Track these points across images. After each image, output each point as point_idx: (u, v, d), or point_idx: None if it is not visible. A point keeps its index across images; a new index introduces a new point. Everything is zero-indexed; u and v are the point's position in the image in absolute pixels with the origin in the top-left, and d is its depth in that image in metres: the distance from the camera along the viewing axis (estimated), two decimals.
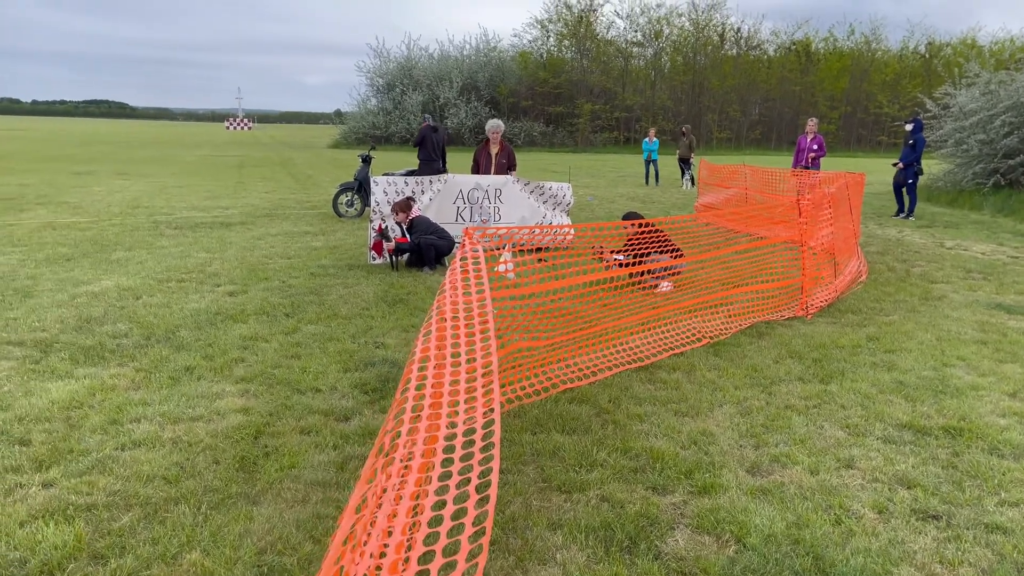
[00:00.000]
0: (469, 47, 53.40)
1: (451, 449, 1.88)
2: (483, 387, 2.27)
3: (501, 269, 6.85)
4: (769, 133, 58.57)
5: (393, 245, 8.74)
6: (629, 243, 6.63)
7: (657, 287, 6.95)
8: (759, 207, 11.33)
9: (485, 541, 1.63)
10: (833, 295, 7.50)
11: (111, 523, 3.24)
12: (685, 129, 23.30)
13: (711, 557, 3.09)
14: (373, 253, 9.10)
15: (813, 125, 15.02)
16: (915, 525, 3.37)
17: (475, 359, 2.43)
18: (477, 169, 10.74)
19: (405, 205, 8.91)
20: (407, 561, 1.53)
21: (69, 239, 10.25)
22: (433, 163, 12.37)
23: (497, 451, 1.91)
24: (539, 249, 6.16)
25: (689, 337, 6.08)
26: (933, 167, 19.70)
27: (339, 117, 59.01)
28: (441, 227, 9.08)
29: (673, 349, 5.83)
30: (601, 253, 6.99)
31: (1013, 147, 16.80)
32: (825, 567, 3.02)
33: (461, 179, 10.11)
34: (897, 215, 15.15)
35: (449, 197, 9.95)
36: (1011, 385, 5.22)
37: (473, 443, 1.92)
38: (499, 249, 5.64)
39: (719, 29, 57.65)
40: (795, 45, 58.78)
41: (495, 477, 1.81)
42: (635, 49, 57.03)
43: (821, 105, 55.75)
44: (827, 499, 3.58)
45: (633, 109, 54.43)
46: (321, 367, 5.30)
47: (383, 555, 1.57)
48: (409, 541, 1.60)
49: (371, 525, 1.71)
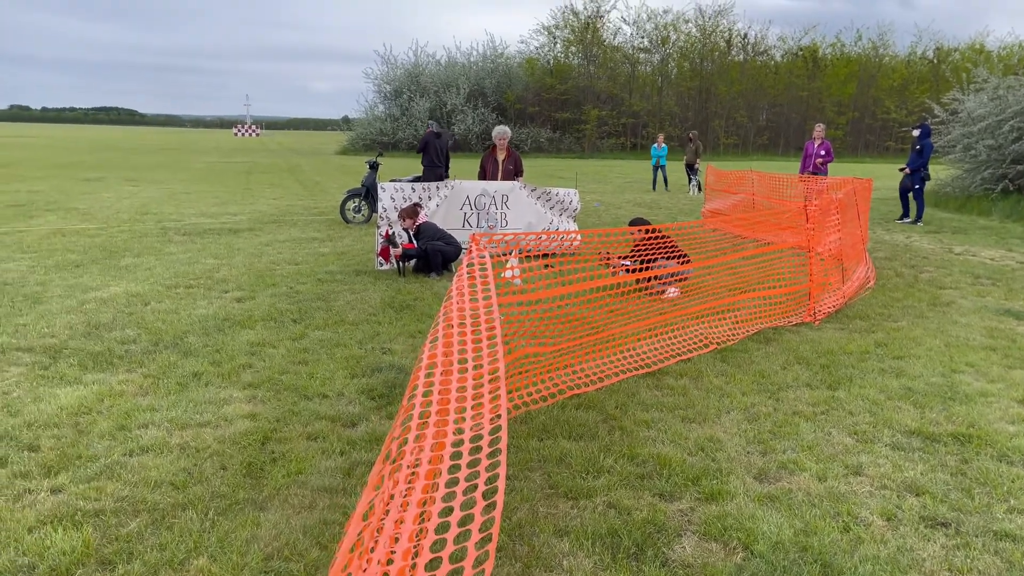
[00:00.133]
0: (476, 54, 53.56)
1: (458, 455, 1.88)
2: (490, 393, 2.27)
3: (508, 275, 6.85)
4: (776, 139, 58.48)
5: (400, 251, 8.76)
6: (636, 249, 6.63)
7: (664, 293, 6.94)
8: (766, 213, 11.32)
9: (492, 548, 1.63)
10: (841, 301, 7.48)
11: (119, 529, 3.25)
12: (692, 135, 23.31)
13: (718, 564, 3.08)
14: (380, 259, 9.12)
15: (820, 131, 14.99)
16: (924, 532, 3.35)
17: (482, 365, 2.44)
18: (484, 175, 10.76)
19: (412, 211, 8.93)
20: (414, 568, 1.53)
21: (78, 245, 10.30)
22: (437, 168, 12.47)
23: (504, 457, 1.91)
24: (546, 255, 6.17)
25: (696, 343, 6.07)
26: (941, 172, 19.65)
27: (346, 123, 59.18)
28: (448, 233, 9.10)
29: (680, 355, 5.82)
30: (608, 259, 6.99)
31: (1022, 152, 16.74)
32: (833, 575, 3.01)
33: (468, 185, 10.12)
34: (901, 219, 15.11)
35: (456, 203, 9.97)
36: (1020, 391, 5.19)
37: (480, 449, 1.92)
38: (506, 255, 5.65)
39: (726, 35, 57.68)
40: (802, 51, 58.71)
41: (502, 483, 1.81)
42: (642, 55, 57.08)
43: (828, 111, 55.66)
44: (835, 506, 3.57)
45: (640, 115, 54.43)
46: (328, 373, 5.31)
47: (390, 562, 1.58)
48: (416, 548, 1.61)
49: (378, 532, 1.71)
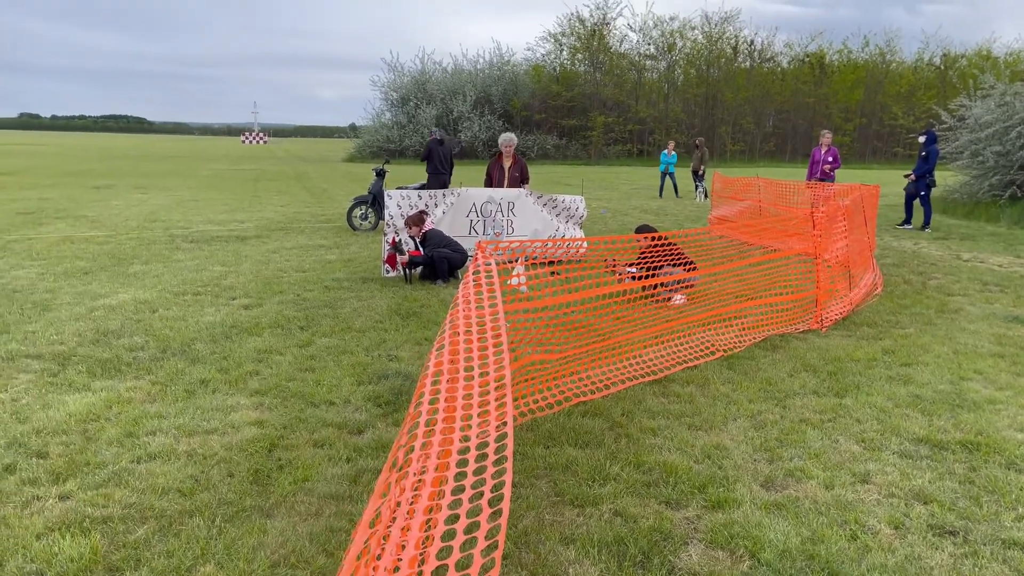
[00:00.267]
0: (483, 61, 53.66)
1: (464, 463, 1.88)
2: (496, 400, 2.27)
3: (514, 282, 6.86)
4: (783, 145, 58.40)
5: (407, 258, 8.78)
6: (642, 256, 6.63)
7: (670, 300, 6.94)
8: (773, 219, 11.30)
9: (498, 555, 1.63)
10: (848, 308, 7.46)
11: (126, 536, 3.26)
12: (698, 142, 23.30)
13: (725, 573, 3.07)
14: (387, 266, 9.15)
15: (828, 138, 14.98)
16: (932, 541, 3.33)
17: (488, 372, 2.44)
18: (490, 183, 10.79)
19: (418, 219, 8.95)
20: (420, 575, 1.53)
21: (87, 253, 10.36)
22: (441, 175, 12.65)
23: (510, 465, 1.91)
24: (552, 262, 6.17)
25: (703, 350, 6.06)
26: (949, 179, 19.59)
27: (353, 131, 59.40)
28: (454, 240, 9.12)
29: (686, 362, 5.81)
30: (614, 266, 6.99)
31: None
32: None
33: (474, 192, 10.15)
34: (902, 225, 15.09)
35: (462, 210, 9.99)
36: None
37: (486, 457, 1.93)
38: (512, 262, 5.66)
39: (732, 42, 57.66)
40: (809, 57, 58.65)
41: (507, 491, 1.82)
42: (648, 62, 57.12)
43: (835, 117, 55.57)
44: (842, 514, 3.55)
45: (646, 122, 54.46)
46: (335, 380, 5.32)
47: (396, 569, 1.58)
48: (422, 555, 1.61)
49: (385, 539, 1.72)
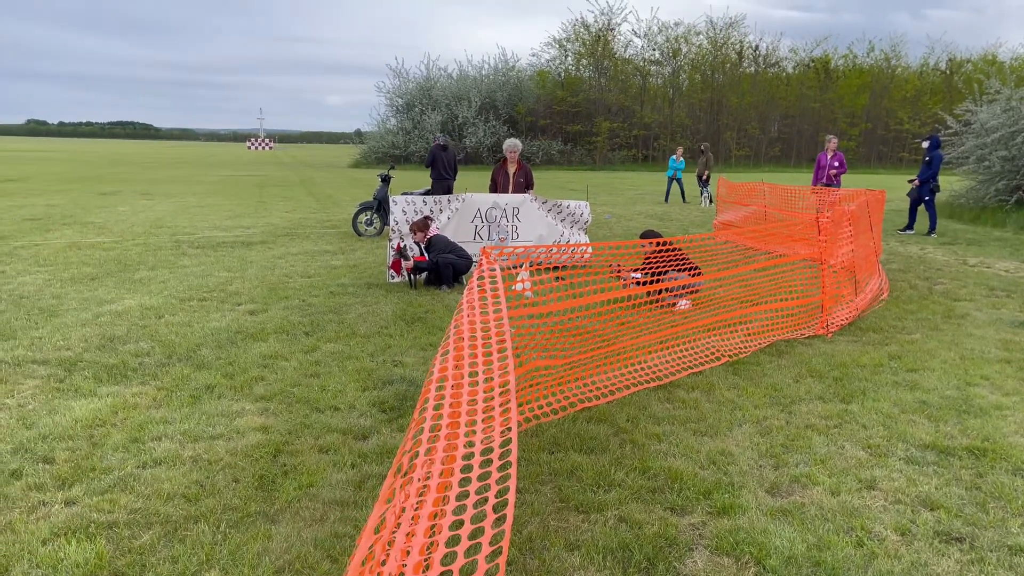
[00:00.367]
0: (488, 67, 53.79)
1: (468, 469, 1.88)
2: (500, 406, 2.28)
3: (519, 288, 6.86)
4: (788, 150, 58.35)
5: (412, 264, 8.79)
6: (647, 261, 6.63)
7: (676, 305, 6.93)
8: (778, 225, 11.29)
9: (502, 561, 1.63)
10: (854, 313, 7.44)
11: (132, 541, 3.27)
12: (703, 147, 23.30)
13: None
14: (392, 272, 9.16)
15: (834, 143, 14.99)
16: (938, 547, 3.32)
17: (492, 378, 2.44)
18: (495, 188, 10.81)
19: (423, 225, 8.97)
20: None
21: (93, 259, 10.40)
22: (445, 180, 12.79)
23: (514, 471, 1.91)
24: (557, 267, 6.17)
25: (708, 356, 6.05)
26: (955, 184, 19.55)
27: (359, 137, 59.53)
28: (459, 246, 9.13)
29: (692, 368, 5.80)
30: (619, 272, 6.98)
31: None
32: None
33: (479, 198, 10.16)
34: (905, 231, 15.06)
35: (467, 216, 10.01)
36: None
37: (490, 462, 1.93)
38: (517, 268, 5.66)
39: (737, 47, 57.67)
40: (814, 62, 58.63)
41: (512, 497, 1.82)
42: (653, 67, 57.14)
43: (841, 122, 55.50)
44: (848, 521, 3.54)
45: (651, 127, 54.48)
46: (340, 385, 5.33)
47: (401, 575, 1.58)
48: (427, 561, 1.61)
49: (389, 545, 1.72)
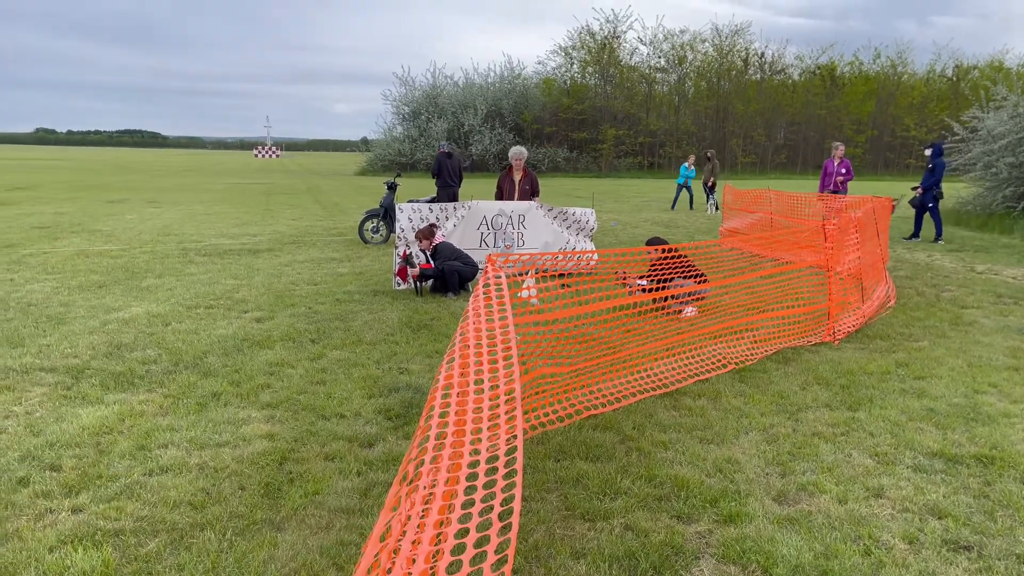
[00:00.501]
0: (494, 75, 53.93)
1: (474, 477, 1.88)
2: (506, 414, 2.27)
3: (524, 295, 6.87)
4: (795, 157, 58.28)
5: (417, 271, 8.81)
6: (653, 268, 6.62)
7: (682, 312, 6.92)
8: (784, 232, 11.27)
9: (507, 570, 1.63)
10: (861, 320, 7.42)
11: (138, 549, 3.27)
12: (710, 154, 23.29)
13: None
14: (398, 279, 9.17)
15: (840, 150, 14.98)
16: (946, 556, 3.30)
17: (498, 386, 2.44)
18: (501, 196, 10.82)
19: (428, 232, 8.98)
20: None
21: (101, 266, 10.44)
22: (451, 188, 13.04)
23: (520, 479, 1.91)
24: (563, 275, 6.17)
25: (714, 363, 6.04)
26: (962, 190, 19.49)
27: (365, 145, 59.74)
28: (465, 253, 9.14)
29: (698, 375, 5.79)
30: (625, 279, 6.98)
31: None
32: None
33: (485, 205, 10.18)
34: (911, 239, 15.01)
35: (473, 223, 10.02)
36: None
37: (496, 470, 1.92)
38: (522, 275, 5.66)
39: (743, 54, 57.70)
40: (820, 69, 58.59)
41: (517, 505, 1.81)
42: (659, 75, 57.19)
43: (847, 129, 55.43)
44: (856, 529, 3.52)
45: (657, 134, 54.50)
46: (346, 393, 5.34)
47: None
48: (432, 570, 1.61)
49: (395, 553, 1.71)
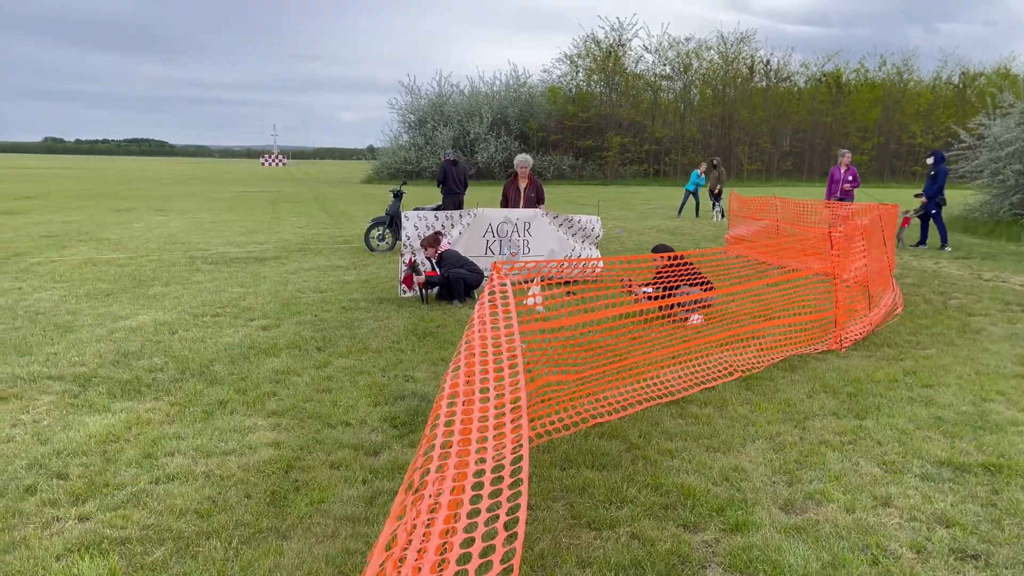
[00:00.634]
0: (499, 83, 54.01)
1: (480, 486, 1.88)
2: (512, 422, 2.27)
3: (530, 303, 6.87)
4: (801, 164, 58.22)
5: (423, 279, 8.82)
6: (659, 276, 6.62)
7: (688, 320, 6.91)
8: (791, 239, 11.26)
9: None
10: (868, 328, 7.39)
11: (144, 557, 3.28)
12: (715, 161, 23.29)
13: None
14: (403, 287, 9.18)
15: (847, 157, 14.97)
16: (954, 565, 3.28)
17: (504, 394, 2.44)
18: (506, 203, 10.83)
19: (433, 240, 9.00)
20: None
21: (109, 275, 10.48)
22: (456, 195, 13.18)
23: (525, 487, 1.91)
24: (568, 282, 6.17)
25: (720, 371, 6.03)
26: (969, 198, 19.44)
27: (371, 153, 59.91)
28: (470, 260, 9.15)
29: (704, 383, 5.78)
30: (630, 286, 6.97)
31: None
32: None
33: (490, 213, 10.19)
34: (917, 246, 14.98)
35: (479, 231, 10.03)
36: None
37: (502, 479, 1.92)
38: (528, 282, 5.67)
39: (748, 62, 57.71)
40: (825, 76, 58.58)
41: (523, 514, 1.81)
42: (664, 82, 57.25)
43: (853, 136, 55.36)
44: (863, 538, 3.51)
45: (662, 142, 54.53)
46: (351, 401, 5.34)
47: None
48: None
49: (400, 562, 1.71)
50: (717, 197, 22.23)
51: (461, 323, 7.79)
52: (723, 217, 21.04)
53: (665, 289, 6.42)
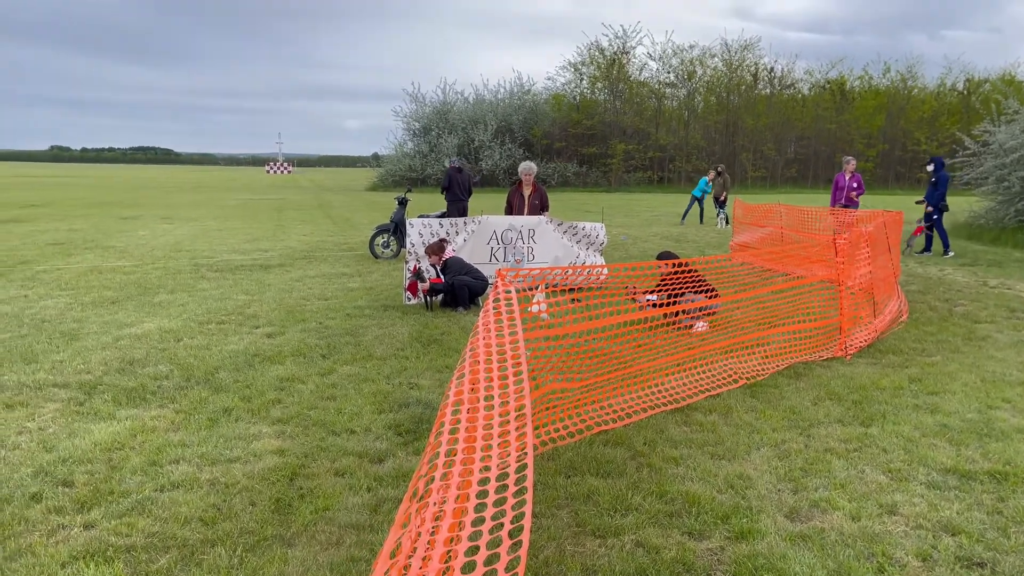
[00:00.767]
0: (504, 91, 54.09)
1: (484, 494, 1.88)
2: (516, 430, 2.27)
3: (534, 310, 6.87)
4: (805, 171, 58.17)
5: (428, 286, 8.83)
6: (663, 283, 6.62)
7: (692, 327, 6.91)
8: (795, 246, 11.25)
9: None
10: (873, 335, 7.38)
11: (149, 565, 3.28)
12: (720, 169, 23.29)
13: None
14: (408, 294, 9.20)
15: (852, 164, 14.97)
16: (960, 573, 3.27)
17: (508, 401, 2.44)
18: (510, 210, 10.86)
19: (438, 247, 9.01)
20: None
21: (114, 282, 10.52)
22: (460, 202, 13.23)
23: (530, 495, 1.91)
24: (573, 289, 6.18)
25: (725, 378, 6.02)
26: (974, 204, 19.40)
27: (376, 160, 60.01)
28: (475, 267, 9.16)
29: (709, 390, 5.77)
30: (634, 294, 6.97)
31: None
32: None
33: (495, 220, 10.21)
34: (921, 252, 14.96)
35: (483, 238, 10.05)
36: None
37: (506, 487, 1.93)
38: (532, 289, 5.67)
39: (752, 69, 57.74)
40: (829, 84, 58.57)
41: (528, 522, 1.81)
42: (668, 90, 57.27)
43: (858, 143, 55.31)
44: (869, 546, 3.49)
45: (667, 149, 54.55)
46: (356, 408, 5.34)
47: None
48: None
49: (405, 570, 1.72)
50: (722, 204, 22.23)
51: (465, 330, 7.80)
52: (727, 224, 21.03)
53: (670, 296, 6.42)
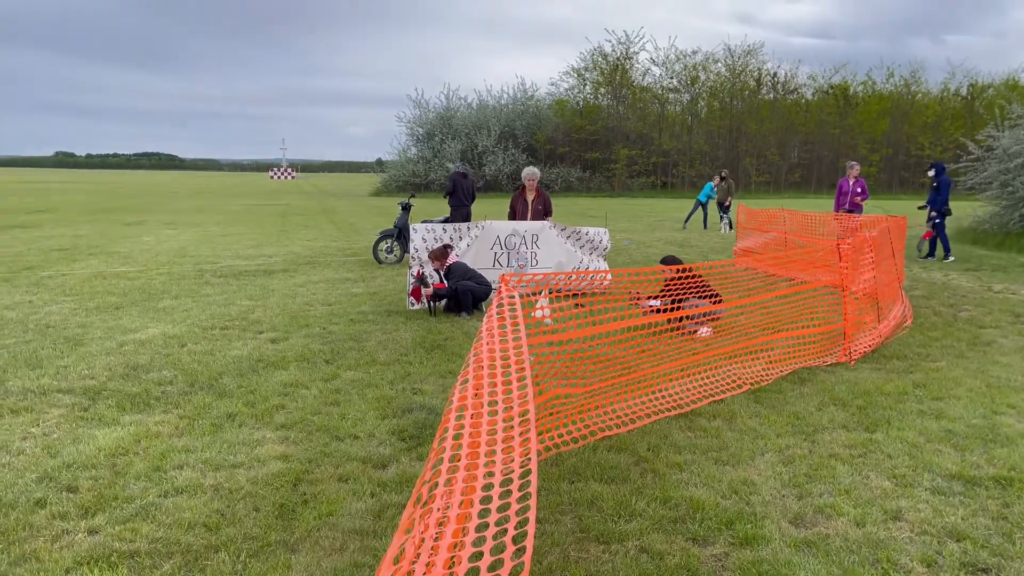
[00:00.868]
0: (507, 96, 54.17)
1: (488, 499, 1.88)
2: (520, 435, 2.27)
3: (538, 315, 6.87)
4: (809, 176, 58.16)
5: (431, 291, 8.84)
6: (667, 288, 6.61)
7: (696, 332, 6.90)
8: (799, 251, 11.23)
9: None
10: (877, 340, 7.36)
11: (153, 571, 3.28)
12: (724, 174, 23.30)
13: None
14: (411, 299, 9.20)
15: (856, 169, 14.96)
16: None
17: (512, 407, 2.44)
18: (514, 216, 10.87)
19: (442, 253, 9.02)
20: None
21: (118, 288, 10.54)
22: (464, 208, 13.24)
23: (534, 501, 1.91)
24: (576, 294, 6.18)
25: (729, 383, 6.01)
26: (979, 209, 19.38)
27: (380, 166, 60.13)
28: (478, 273, 9.17)
29: (713, 396, 5.76)
30: (637, 299, 6.97)
31: None
32: None
33: (498, 225, 10.22)
34: (926, 258, 14.95)
35: (487, 243, 10.06)
36: None
37: (510, 492, 1.92)
38: (536, 295, 5.67)
39: (755, 74, 57.82)
40: (833, 88, 58.58)
41: (531, 527, 1.81)
42: (671, 95, 57.38)
43: (861, 148, 55.30)
44: (874, 552, 3.48)
45: (670, 154, 54.60)
46: (359, 414, 5.34)
47: None
48: None
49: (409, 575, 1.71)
50: (725, 209, 22.24)
51: (469, 335, 7.80)
52: (731, 229, 21.02)
53: (674, 301, 6.41)
